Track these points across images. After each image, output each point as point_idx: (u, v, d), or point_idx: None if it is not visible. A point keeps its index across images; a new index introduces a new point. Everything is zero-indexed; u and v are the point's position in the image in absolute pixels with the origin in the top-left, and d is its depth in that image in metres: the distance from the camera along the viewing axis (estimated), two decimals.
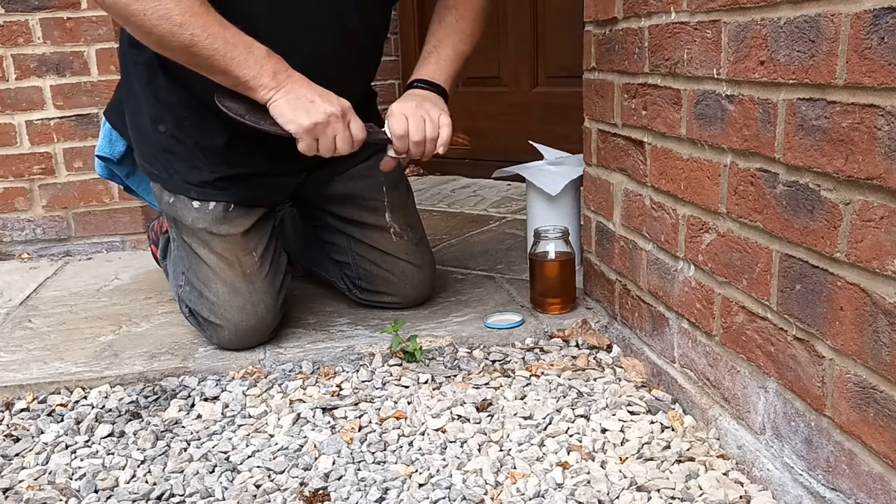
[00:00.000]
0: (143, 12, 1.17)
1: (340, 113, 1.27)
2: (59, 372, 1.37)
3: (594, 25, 1.40)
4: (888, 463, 0.76)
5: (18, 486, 1.06)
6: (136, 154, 1.52)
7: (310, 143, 1.27)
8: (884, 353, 0.75)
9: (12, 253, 2.21)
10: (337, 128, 1.27)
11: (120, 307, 1.72)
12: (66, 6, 2.09)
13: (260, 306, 1.42)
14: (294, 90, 1.25)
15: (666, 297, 1.21)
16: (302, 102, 1.25)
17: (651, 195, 1.23)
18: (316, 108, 1.25)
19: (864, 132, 0.75)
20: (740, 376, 1.02)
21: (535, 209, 1.73)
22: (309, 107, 1.25)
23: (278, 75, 1.24)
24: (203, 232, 1.42)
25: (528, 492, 0.99)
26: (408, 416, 1.20)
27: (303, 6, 1.32)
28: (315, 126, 1.25)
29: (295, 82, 1.26)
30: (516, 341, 1.44)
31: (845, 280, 0.80)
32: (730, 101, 0.98)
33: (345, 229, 1.59)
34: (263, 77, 1.23)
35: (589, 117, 1.48)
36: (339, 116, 1.27)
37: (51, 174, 2.18)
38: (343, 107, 1.28)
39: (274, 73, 1.24)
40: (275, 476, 1.06)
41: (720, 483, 0.98)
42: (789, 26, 0.85)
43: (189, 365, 1.38)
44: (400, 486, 1.02)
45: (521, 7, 2.75)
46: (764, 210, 0.93)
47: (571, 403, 1.21)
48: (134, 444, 1.16)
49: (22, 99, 2.12)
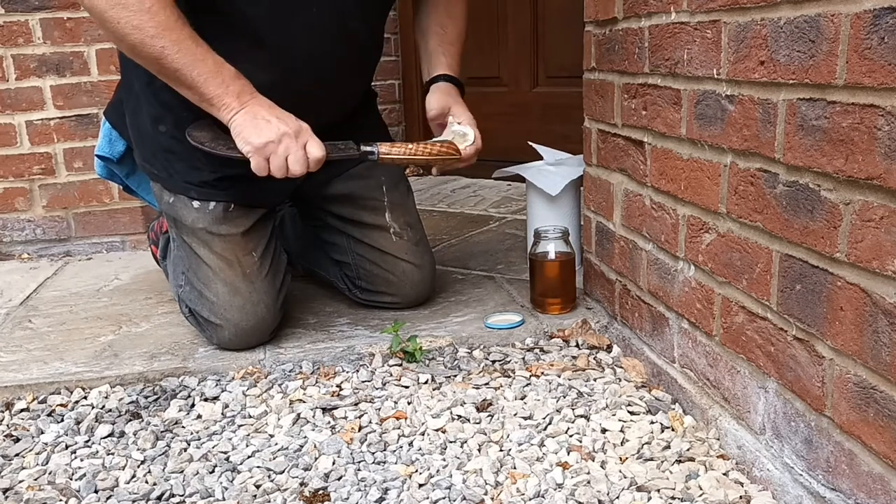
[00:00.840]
0: (117, 20, 1.19)
1: (294, 132, 1.27)
2: (59, 372, 1.37)
3: (594, 25, 1.40)
4: (888, 463, 0.76)
5: (18, 487, 1.06)
6: (137, 154, 1.52)
7: (260, 162, 1.27)
8: (884, 354, 0.75)
9: (12, 253, 2.21)
10: (289, 147, 1.26)
11: (120, 307, 1.72)
12: (66, 6, 2.09)
13: (260, 306, 1.42)
14: (253, 110, 1.26)
15: (666, 297, 1.21)
16: (257, 122, 1.26)
17: (651, 195, 1.23)
18: (269, 126, 1.25)
19: (864, 132, 0.75)
20: (740, 376, 1.02)
21: (535, 209, 1.73)
22: (262, 125, 1.25)
23: (242, 96, 1.26)
24: (203, 232, 1.42)
25: (528, 492, 0.99)
26: (408, 416, 1.20)
27: (303, 6, 1.32)
28: (266, 145, 1.25)
29: (256, 104, 1.27)
30: (516, 341, 1.44)
31: (845, 280, 0.80)
32: (730, 101, 0.98)
33: (345, 229, 1.59)
34: (227, 97, 1.25)
35: (589, 117, 1.48)
36: (292, 136, 1.26)
37: (51, 174, 2.18)
38: (298, 127, 1.28)
39: (238, 94, 1.25)
40: (275, 476, 1.06)
41: (720, 483, 0.98)
42: (789, 26, 0.85)
43: (189, 365, 1.38)
44: (400, 486, 1.02)
45: (521, 7, 2.75)
46: (764, 210, 0.93)
47: (571, 403, 1.21)
48: (134, 444, 1.16)
49: (22, 99, 2.13)
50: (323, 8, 1.34)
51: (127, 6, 1.18)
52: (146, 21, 1.19)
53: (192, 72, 1.23)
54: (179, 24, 1.22)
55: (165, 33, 1.20)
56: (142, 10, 1.19)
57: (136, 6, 1.18)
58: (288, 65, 1.35)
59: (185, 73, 1.23)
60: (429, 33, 1.53)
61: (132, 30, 1.19)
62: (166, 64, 1.22)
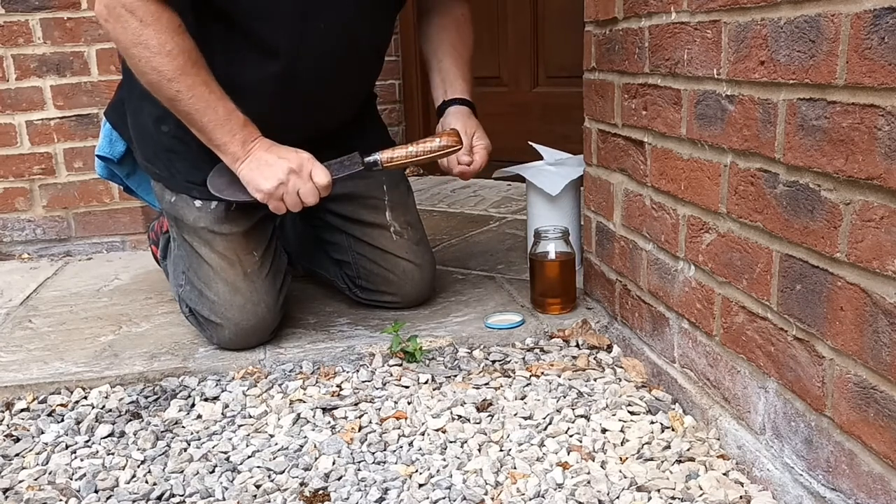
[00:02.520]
0: (138, 58, 1.24)
1: (297, 167, 1.31)
2: (59, 372, 1.37)
3: (594, 25, 1.40)
4: (888, 463, 0.76)
5: (18, 486, 1.06)
6: (138, 154, 1.53)
7: (275, 204, 1.33)
8: (884, 353, 0.75)
9: (12, 253, 2.21)
10: (297, 182, 1.31)
11: (120, 307, 1.72)
12: (66, 6, 2.09)
13: (260, 306, 1.42)
14: (256, 156, 1.31)
15: (666, 297, 1.21)
16: (262, 168, 1.30)
17: (651, 195, 1.23)
18: (274, 169, 1.30)
19: (865, 132, 0.75)
20: (740, 376, 1.02)
21: (536, 209, 1.73)
22: (267, 170, 1.30)
23: (246, 144, 1.31)
24: (204, 231, 1.42)
25: (529, 492, 0.99)
26: (408, 416, 1.20)
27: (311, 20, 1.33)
28: (276, 188, 1.30)
29: (258, 149, 1.31)
30: (516, 341, 1.44)
31: (845, 280, 0.80)
32: (730, 101, 0.98)
33: (345, 228, 1.59)
34: (233, 145, 1.30)
35: (589, 117, 1.48)
36: (297, 172, 1.30)
37: (51, 174, 2.18)
38: (300, 160, 1.31)
39: (243, 142, 1.30)
40: (275, 476, 1.06)
41: (720, 483, 0.98)
42: (789, 26, 0.85)
43: (189, 365, 1.38)
44: (400, 486, 1.02)
45: (521, 7, 2.75)
46: (764, 210, 0.93)
47: (571, 403, 1.21)
48: (134, 444, 1.16)
49: (22, 99, 2.12)
50: (331, 22, 1.35)
51: (148, 46, 1.22)
52: (165, 63, 1.22)
53: (203, 118, 1.27)
54: (196, 68, 1.25)
55: (182, 77, 1.24)
56: (162, 52, 1.22)
57: (157, 48, 1.22)
58: (294, 75, 1.36)
59: (196, 118, 1.28)
60: (441, 53, 1.55)
61: (151, 70, 1.24)
62: (179, 106, 1.27)
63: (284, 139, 1.34)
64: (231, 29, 1.31)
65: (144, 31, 1.21)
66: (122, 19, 1.21)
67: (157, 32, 1.21)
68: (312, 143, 1.43)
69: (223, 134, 1.29)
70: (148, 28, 1.21)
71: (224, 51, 1.32)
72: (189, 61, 1.24)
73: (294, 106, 1.40)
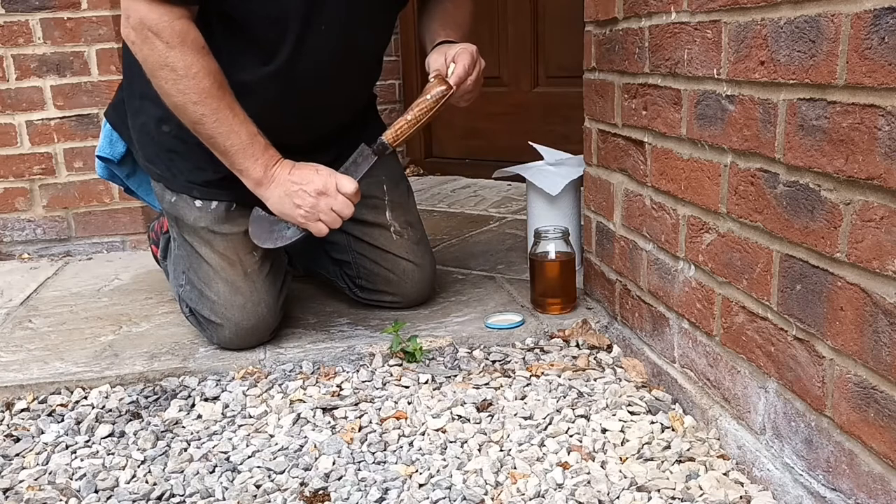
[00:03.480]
0: (164, 79, 1.25)
1: (324, 186, 1.31)
2: (59, 372, 1.37)
3: (594, 25, 1.40)
4: (888, 463, 0.76)
5: (19, 487, 1.06)
6: (139, 154, 1.53)
7: (316, 226, 1.33)
8: (884, 353, 0.75)
9: (13, 253, 2.21)
10: (329, 201, 1.31)
11: (120, 307, 1.72)
12: (66, 6, 2.09)
13: (261, 305, 1.42)
14: (279, 182, 1.31)
15: (666, 297, 1.21)
16: (290, 193, 1.31)
17: (651, 195, 1.23)
18: (304, 194, 1.31)
19: (865, 132, 0.75)
20: (740, 376, 1.02)
21: (536, 209, 1.73)
22: (297, 197, 1.31)
23: (269, 169, 1.31)
24: (205, 231, 1.43)
25: (529, 492, 0.99)
26: (408, 416, 1.20)
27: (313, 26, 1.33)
28: (311, 211, 1.31)
29: (281, 172, 1.32)
30: (516, 341, 1.44)
31: (845, 280, 0.80)
32: (730, 102, 0.98)
33: (345, 227, 1.58)
34: (256, 170, 1.30)
35: (589, 117, 1.48)
36: (324, 191, 1.31)
37: (51, 174, 2.18)
38: (324, 179, 1.31)
39: (266, 167, 1.31)
40: (275, 476, 1.06)
41: (720, 483, 0.98)
42: (789, 26, 0.85)
43: (189, 365, 1.38)
44: (400, 486, 1.02)
45: (521, 7, 2.75)
46: (764, 210, 0.93)
47: (572, 403, 1.21)
48: (134, 444, 1.16)
49: (22, 99, 2.12)
50: (331, 27, 1.35)
51: (175, 69, 1.23)
52: (190, 86, 1.23)
53: (226, 142, 1.28)
54: (221, 91, 1.26)
55: (207, 100, 1.25)
56: (188, 75, 1.23)
57: (183, 70, 1.22)
58: (294, 78, 1.36)
59: (219, 142, 1.28)
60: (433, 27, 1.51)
61: (177, 92, 1.25)
62: (202, 130, 1.28)
63: (285, 141, 1.34)
64: (232, 31, 1.31)
65: (171, 54, 1.22)
66: (150, 41, 1.22)
67: (183, 55, 1.22)
68: (313, 144, 1.44)
69: (245, 158, 1.29)
70: (174, 50, 1.22)
71: (226, 52, 1.32)
72: (214, 84, 1.25)
73: (294, 109, 1.40)
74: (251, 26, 1.31)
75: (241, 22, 1.30)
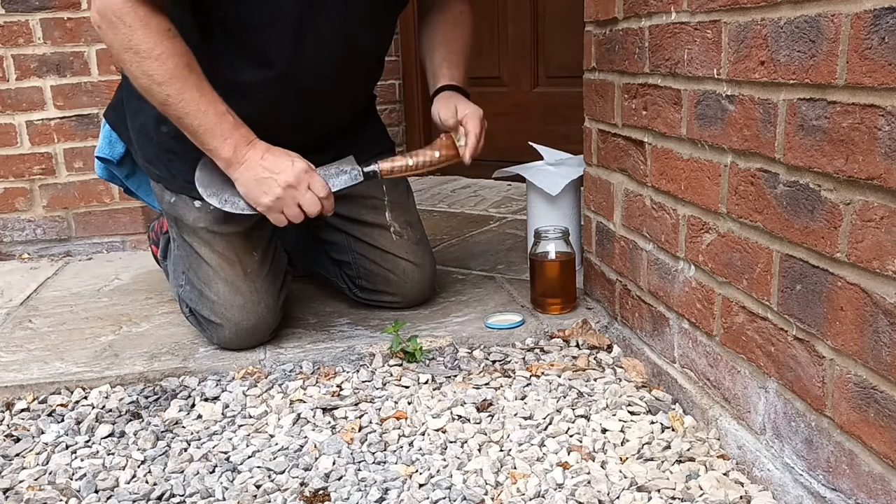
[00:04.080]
0: (129, 62, 1.24)
1: (296, 181, 1.30)
2: (59, 372, 1.37)
3: (594, 25, 1.40)
4: (888, 463, 0.76)
5: (19, 487, 1.06)
6: (138, 155, 1.53)
7: (276, 217, 1.33)
8: (884, 353, 0.75)
9: (13, 253, 2.21)
10: (296, 195, 1.30)
11: (120, 307, 1.72)
12: (66, 6, 2.09)
13: (261, 305, 1.42)
14: (251, 166, 1.30)
15: (666, 297, 1.21)
16: (260, 180, 1.30)
17: (651, 195, 1.23)
18: (273, 183, 1.29)
19: (865, 132, 0.75)
20: (740, 376, 1.02)
21: (536, 209, 1.73)
22: (266, 183, 1.29)
23: (240, 149, 1.29)
24: (204, 231, 1.43)
25: (529, 492, 0.99)
26: (408, 416, 1.20)
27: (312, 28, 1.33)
28: (276, 201, 1.30)
29: (254, 155, 1.30)
30: (516, 341, 1.44)
31: (845, 280, 0.80)
32: (730, 102, 0.98)
33: (345, 228, 1.59)
34: (225, 150, 1.29)
35: (589, 117, 1.48)
36: (294, 184, 1.30)
37: (51, 174, 2.18)
38: (297, 173, 1.30)
39: (235, 147, 1.29)
40: (275, 476, 1.06)
41: (720, 483, 0.98)
42: (789, 26, 0.85)
43: (189, 365, 1.38)
44: (400, 486, 1.02)
45: (521, 7, 2.75)
46: (764, 210, 0.93)
47: (572, 404, 1.21)
48: (134, 444, 1.16)
49: (22, 99, 2.12)
50: (331, 28, 1.35)
51: (138, 52, 1.22)
52: (155, 68, 1.23)
53: (194, 121, 1.27)
54: (186, 72, 1.25)
55: (172, 81, 1.24)
56: (151, 56, 1.22)
57: (146, 52, 1.22)
58: (293, 79, 1.36)
59: (187, 122, 1.27)
60: (433, 47, 1.54)
61: (141, 74, 1.24)
62: (170, 111, 1.27)
63: (284, 141, 1.34)
64: (228, 35, 1.31)
65: (133, 36, 1.21)
66: (114, 25, 1.22)
67: (145, 37, 1.21)
68: (312, 144, 1.43)
69: (213, 138, 1.28)
70: (136, 32, 1.21)
71: (225, 54, 1.32)
72: (179, 65, 1.24)
73: (293, 109, 1.40)
74: (243, 30, 1.31)
75: (240, 25, 1.30)
